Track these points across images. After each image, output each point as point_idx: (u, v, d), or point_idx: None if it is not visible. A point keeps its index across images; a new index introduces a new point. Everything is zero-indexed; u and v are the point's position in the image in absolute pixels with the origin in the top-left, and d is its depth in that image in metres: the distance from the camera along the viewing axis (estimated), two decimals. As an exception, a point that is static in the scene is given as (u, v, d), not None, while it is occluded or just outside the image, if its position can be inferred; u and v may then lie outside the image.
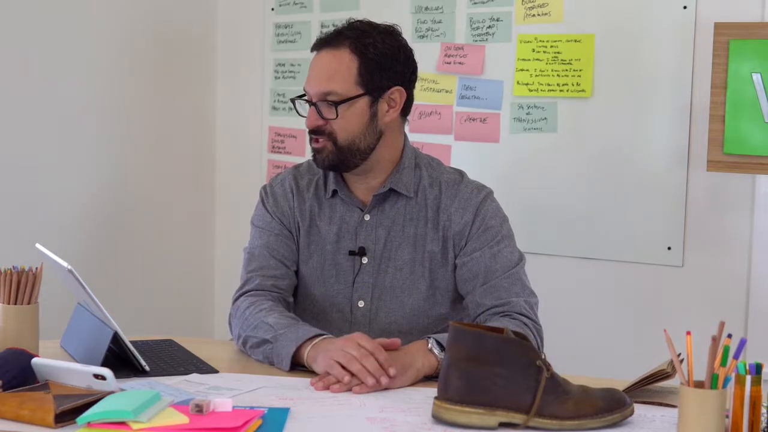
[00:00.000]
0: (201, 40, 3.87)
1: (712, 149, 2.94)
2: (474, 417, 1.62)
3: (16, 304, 1.94)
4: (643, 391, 1.83)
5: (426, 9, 3.50)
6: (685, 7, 3.09)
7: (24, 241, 2.57)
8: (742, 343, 1.52)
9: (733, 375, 1.51)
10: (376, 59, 2.14)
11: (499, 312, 2.11)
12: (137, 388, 1.76)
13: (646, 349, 2.67)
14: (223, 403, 1.62)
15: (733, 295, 3.07)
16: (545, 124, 3.32)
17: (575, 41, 3.25)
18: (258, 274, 2.20)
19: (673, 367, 1.78)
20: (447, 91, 3.47)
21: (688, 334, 1.53)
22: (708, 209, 3.11)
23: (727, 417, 1.52)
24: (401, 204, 2.22)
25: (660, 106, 3.15)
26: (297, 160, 3.66)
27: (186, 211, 3.86)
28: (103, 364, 1.79)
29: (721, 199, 3.09)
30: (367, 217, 2.22)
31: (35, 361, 1.74)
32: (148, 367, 1.93)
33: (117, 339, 1.91)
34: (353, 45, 2.13)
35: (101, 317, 1.94)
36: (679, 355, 1.60)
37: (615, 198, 3.23)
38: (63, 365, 1.71)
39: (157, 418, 1.57)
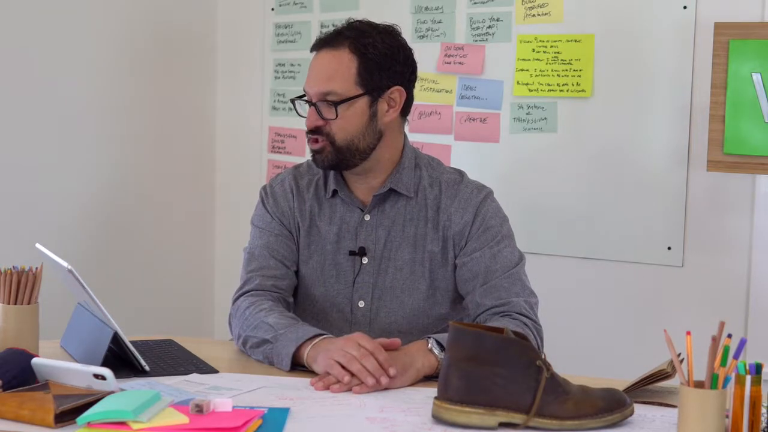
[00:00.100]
0: (201, 40, 3.87)
1: (712, 149, 2.94)
2: (474, 417, 1.62)
3: (16, 304, 1.94)
4: (643, 391, 1.83)
5: (426, 9, 3.50)
6: (685, 7, 3.09)
7: (24, 241, 2.57)
8: (742, 343, 1.52)
9: (733, 375, 1.51)
10: (376, 59, 2.14)
11: (499, 312, 2.11)
12: (137, 388, 1.76)
13: (646, 349, 2.67)
14: (223, 403, 1.62)
15: (733, 295, 3.07)
16: (545, 124, 3.32)
17: (575, 41, 3.25)
18: (258, 274, 2.20)
19: (673, 367, 1.78)
20: (447, 91, 3.47)
21: (688, 334, 1.53)
22: (708, 209, 3.11)
23: (727, 417, 1.52)
24: (401, 204, 2.21)
25: (660, 106, 3.15)
26: (297, 160, 3.66)
27: (186, 211, 3.86)
28: (103, 364, 1.79)
29: (721, 199, 3.09)
30: (367, 217, 2.22)
31: (35, 361, 1.74)
32: (148, 367, 1.93)
33: (117, 339, 1.91)
34: (353, 45, 2.13)
35: (101, 317, 1.94)
36: (679, 355, 1.60)
37: (615, 198, 3.23)
38: (63, 365, 1.71)
39: (157, 418, 1.57)
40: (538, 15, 3.31)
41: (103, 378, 1.65)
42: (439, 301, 2.21)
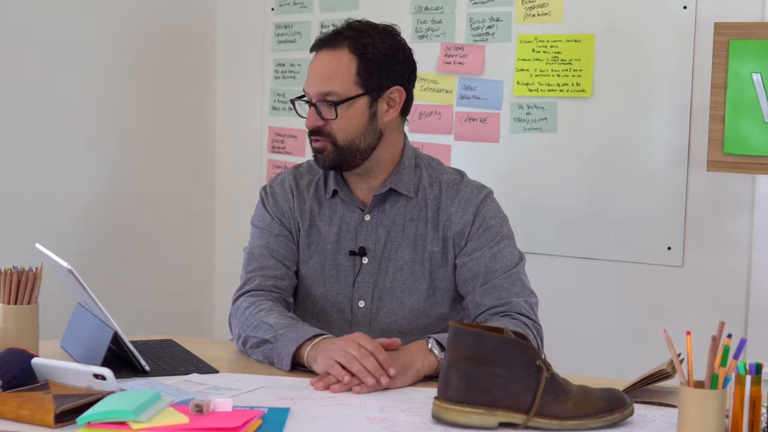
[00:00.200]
0: (201, 40, 3.87)
1: (712, 149, 2.94)
2: (474, 417, 1.62)
3: (16, 304, 1.94)
4: (643, 391, 1.83)
5: (426, 9, 3.50)
6: (685, 7, 3.09)
7: (24, 241, 2.57)
8: (742, 343, 1.52)
9: (733, 375, 1.51)
10: (375, 59, 2.14)
11: (499, 312, 2.11)
12: (137, 388, 1.76)
13: (646, 349, 2.67)
14: (223, 403, 1.62)
15: (733, 295, 3.07)
16: (545, 124, 3.32)
17: (575, 41, 3.25)
18: (258, 275, 2.20)
19: (673, 367, 1.78)
20: (447, 91, 3.47)
21: (688, 334, 1.53)
22: (708, 209, 3.11)
23: (727, 417, 1.52)
24: (401, 204, 2.21)
25: (660, 106, 3.15)
26: (297, 160, 3.66)
27: (186, 211, 3.86)
28: (103, 364, 1.79)
29: (721, 199, 3.09)
30: (367, 218, 2.22)
31: (35, 361, 1.74)
32: (148, 367, 1.93)
33: (117, 339, 1.91)
34: (352, 45, 2.13)
35: (101, 317, 1.94)
36: (679, 355, 1.60)
37: (615, 198, 3.23)
38: (63, 365, 1.71)
39: (157, 418, 1.57)
40: (538, 15, 3.31)
41: (103, 378, 1.65)
42: (439, 301, 2.21)
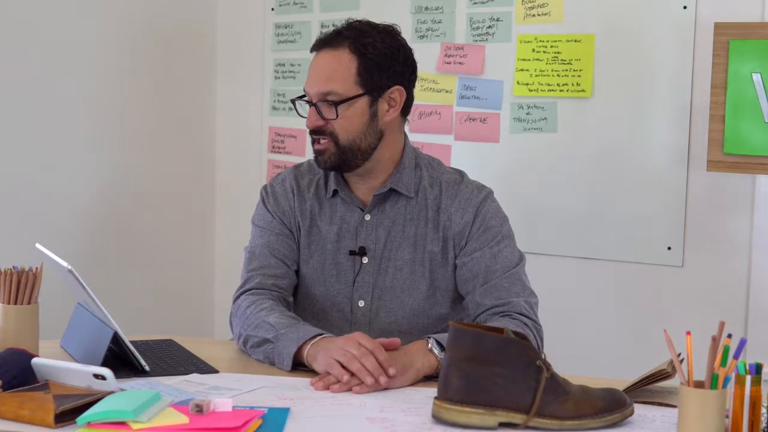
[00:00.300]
0: (201, 40, 3.87)
1: (712, 149, 2.94)
2: (474, 417, 1.62)
3: (16, 304, 1.94)
4: (643, 391, 1.83)
5: (426, 9, 3.50)
6: (685, 7, 3.09)
7: (24, 241, 2.57)
8: (742, 343, 1.52)
9: (733, 375, 1.51)
10: (376, 59, 2.14)
11: (499, 312, 2.11)
12: (137, 388, 1.76)
13: (646, 349, 2.67)
14: (223, 403, 1.62)
15: (733, 295, 3.07)
16: (545, 124, 3.32)
17: (575, 41, 3.25)
18: (258, 273, 2.20)
19: (673, 367, 1.78)
20: (447, 91, 3.47)
21: (688, 334, 1.53)
22: (708, 209, 3.11)
23: (727, 417, 1.52)
24: (401, 204, 2.22)
25: (660, 106, 3.15)
26: (297, 160, 3.66)
27: (186, 211, 3.86)
28: (103, 364, 1.79)
29: (721, 199, 3.09)
30: (367, 217, 2.22)
31: (35, 361, 1.74)
32: (148, 367, 1.93)
33: (117, 339, 1.91)
34: (352, 45, 2.13)
35: (101, 317, 1.94)
36: (679, 355, 1.60)
37: (615, 198, 3.23)
38: (63, 365, 1.71)
39: (157, 418, 1.57)
40: (538, 15, 3.31)
41: (103, 378, 1.65)
42: (439, 301, 2.21)
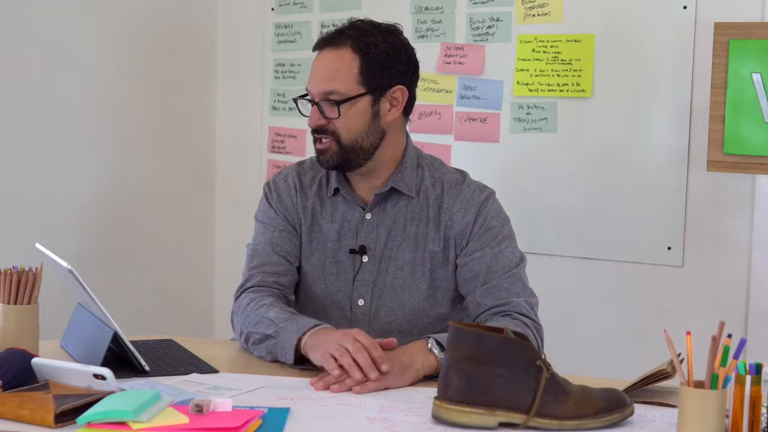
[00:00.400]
0: (201, 40, 3.87)
1: (712, 149, 2.94)
2: (474, 417, 1.62)
3: (16, 304, 1.94)
4: (643, 391, 1.83)
5: (426, 9, 3.50)
6: (685, 7, 3.09)
7: (24, 241, 2.57)
8: (742, 343, 1.52)
9: (733, 375, 1.51)
10: (378, 58, 2.14)
11: (499, 312, 2.11)
12: (137, 388, 1.76)
13: (646, 349, 2.67)
14: (223, 403, 1.62)
15: (733, 295, 3.07)
16: (545, 124, 3.32)
17: (575, 41, 3.25)
18: (260, 271, 2.20)
19: (673, 367, 1.78)
20: (447, 91, 3.47)
21: (688, 334, 1.53)
22: (708, 209, 3.10)
23: (727, 417, 1.52)
24: (403, 203, 2.22)
25: (660, 106, 3.15)
26: (297, 160, 3.65)
27: (186, 211, 3.85)
28: (103, 364, 1.79)
29: (721, 199, 3.09)
30: (368, 216, 2.22)
31: (35, 361, 1.74)
32: (148, 367, 1.93)
33: (117, 339, 1.91)
34: (355, 44, 2.13)
35: (101, 317, 1.94)
36: (679, 355, 1.60)
37: (615, 198, 3.23)
38: (63, 365, 1.71)
39: (157, 418, 1.57)
40: (538, 15, 3.31)
41: (103, 378, 1.65)
42: (440, 300, 2.21)
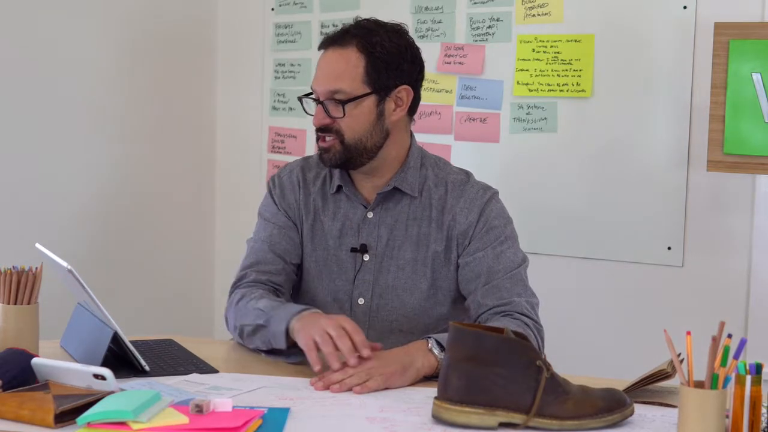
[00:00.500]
0: (201, 40, 3.87)
1: (712, 149, 2.94)
2: (474, 417, 1.62)
3: (16, 304, 1.94)
4: (643, 391, 1.83)
5: (426, 9, 3.50)
6: (685, 7, 3.09)
7: (24, 241, 2.57)
8: (742, 343, 1.52)
9: (733, 375, 1.51)
10: (383, 58, 2.13)
11: (500, 312, 2.11)
12: (137, 388, 1.76)
13: (646, 349, 2.66)
14: (223, 403, 1.62)
15: (733, 295, 3.07)
16: (545, 124, 3.32)
17: (575, 41, 3.25)
18: (254, 270, 2.21)
19: (673, 367, 1.78)
20: (447, 91, 3.47)
21: (688, 334, 1.53)
22: (708, 209, 3.10)
23: (727, 417, 1.52)
24: (405, 203, 2.21)
25: (660, 106, 3.15)
26: (297, 160, 3.66)
27: (186, 212, 3.85)
28: (103, 364, 1.79)
29: (721, 199, 3.09)
30: (370, 215, 2.22)
31: (35, 361, 1.74)
32: (148, 367, 1.93)
33: (117, 339, 1.91)
34: (360, 44, 2.13)
35: (101, 317, 1.94)
36: (679, 355, 1.60)
37: (615, 198, 3.23)
38: (63, 365, 1.71)
39: (157, 418, 1.57)
40: (538, 15, 3.31)
41: (103, 378, 1.65)
42: (441, 300, 2.21)
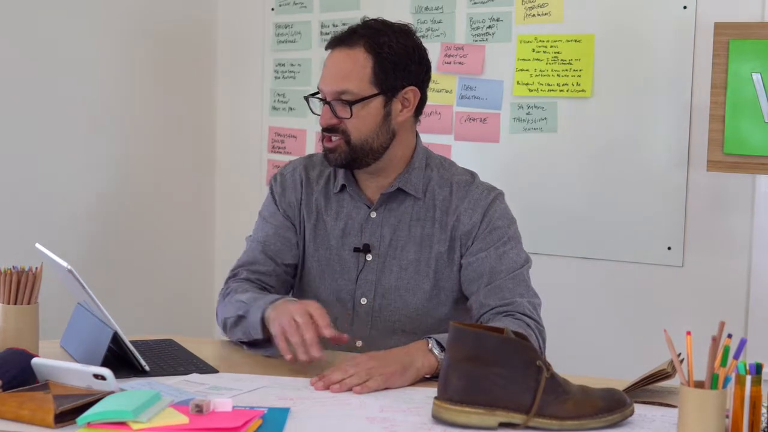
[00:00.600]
0: (201, 40, 3.87)
1: (712, 149, 2.94)
2: (474, 417, 1.62)
3: (16, 304, 1.94)
4: (643, 391, 1.83)
5: (426, 9, 3.50)
6: (685, 7, 3.09)
7: (24, 241, 2.57)
8: (742, 343, 1.52)
9: (733, 375, 1.51)
10: (391, 59, 2.13)
11: (502, 312, 2.11)
12: (137, 388, 1.76)
13: (646, 349, 2.66)
14: (223, 403, 1.62)
15: (733, 295, 3.07)
16: (545, 124, 3.32)
17: (575, 41, 3.25)
18: (245, 269, 2.23)
19: (673, 367, 1.78)
20: (447, 91, 3.47)
21: (688, 334, 1.53)
22: (708, 209, 3.10)
23: (727, 417, 1.52)
24: (409, 204, 2.21)
25: (660, 106, 3.15)
26: (297, 160, 3.66)
27: (186, 212, 3.85)
28: (103, 364, 1.79)
29: (721, 199, 3.09)
30: (373, 215, 2.22)
31: (35, 361, 1.74)
32: (148, 367, 1.93)
33: (117, 339, 1.91)
34: (368, 44, 2.12)
35: (101, 317, 1.94)
36: (679, 355, 1.60)
37: (615, 198, 3.23)
38: (63, 365, 1.71)
39: (157, 418, 1.57)
40: (538, 15, 3.31)
41: (103, 378, 1.65)
42: (443, 301, 2.21)
